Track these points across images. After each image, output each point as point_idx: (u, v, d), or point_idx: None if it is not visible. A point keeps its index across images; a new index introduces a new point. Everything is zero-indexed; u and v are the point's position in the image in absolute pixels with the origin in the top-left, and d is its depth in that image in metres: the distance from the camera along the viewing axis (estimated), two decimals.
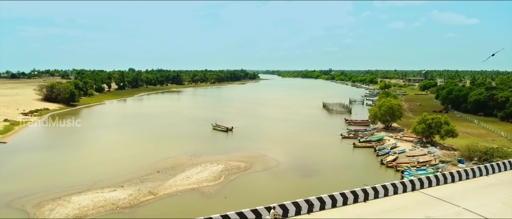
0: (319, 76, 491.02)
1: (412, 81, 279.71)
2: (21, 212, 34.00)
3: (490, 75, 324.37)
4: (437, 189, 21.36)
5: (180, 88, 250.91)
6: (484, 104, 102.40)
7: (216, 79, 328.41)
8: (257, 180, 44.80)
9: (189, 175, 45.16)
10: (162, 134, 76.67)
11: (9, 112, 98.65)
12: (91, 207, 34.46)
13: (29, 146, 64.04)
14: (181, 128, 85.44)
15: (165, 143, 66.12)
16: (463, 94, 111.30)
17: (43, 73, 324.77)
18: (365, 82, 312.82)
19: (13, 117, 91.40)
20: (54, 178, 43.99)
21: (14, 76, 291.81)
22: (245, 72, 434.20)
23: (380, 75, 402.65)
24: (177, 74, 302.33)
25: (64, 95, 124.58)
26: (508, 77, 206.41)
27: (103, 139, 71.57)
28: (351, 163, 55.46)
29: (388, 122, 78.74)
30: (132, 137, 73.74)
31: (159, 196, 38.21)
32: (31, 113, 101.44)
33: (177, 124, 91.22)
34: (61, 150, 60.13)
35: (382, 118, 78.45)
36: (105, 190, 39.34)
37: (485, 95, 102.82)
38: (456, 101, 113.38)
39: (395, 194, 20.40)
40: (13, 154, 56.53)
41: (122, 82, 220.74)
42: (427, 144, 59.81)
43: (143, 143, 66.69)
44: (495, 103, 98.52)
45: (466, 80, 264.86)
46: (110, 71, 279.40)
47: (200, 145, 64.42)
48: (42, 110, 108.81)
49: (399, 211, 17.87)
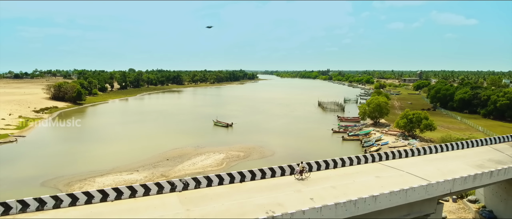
0: (317, 77, 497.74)
1: (407, 81, 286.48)
2: (55, 189, 40.18)
3: (485, 75, 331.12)
4: (393, 161, 27.60)
5: (180, 88, 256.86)
6: (468, 102, 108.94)
7: (215, 80, 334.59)
8: (255, 166, 50.71)
9: (194, 162, 51.44)
10: (168, 128, 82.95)
11: (22, 109, 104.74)
12: (114, 186, 40.69)
13: (46, 139, 70.29)
14: (184, 123, 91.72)
15: (171, 137, 72.32)
16: (450, 93, 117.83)
17: (45, 74, 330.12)
18: (361, 82, 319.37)
19: (26, 114, 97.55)
20: (77, 165, 50.20)
21: (17, 76, 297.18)
22: (244, 73, 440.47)
23: (377, 75, 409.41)
24: (177, 74, 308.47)
25: (71, 94, 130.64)
26: (499, 78, 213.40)
27: (115, 133, 77.78)
28: (339, 153, 61.50)
29: (376, 118, 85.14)
30: (141, 131, 79.93)
31: (170, 177, 44.46)
32: (42, 110, 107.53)
33: (181, 120, 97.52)
34: (78, 143, 66.38)
35: (370, 115, 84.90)
36: (123, 174, 45.60)
37: (470, 94, 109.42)
38: (444, 100, 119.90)
39: (359, 164, 26.67)
40: (35, 146, 62.71)
41: (124, 82, 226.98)
42: (408, 137, 66.18)
43: (152, 137, 72.89)
44: (479, 101, 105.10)
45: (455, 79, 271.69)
46: (111, 72, 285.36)
47: (203, 138, 70.68)
48: (52, 108, 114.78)
49: (357, 174, 24.12)
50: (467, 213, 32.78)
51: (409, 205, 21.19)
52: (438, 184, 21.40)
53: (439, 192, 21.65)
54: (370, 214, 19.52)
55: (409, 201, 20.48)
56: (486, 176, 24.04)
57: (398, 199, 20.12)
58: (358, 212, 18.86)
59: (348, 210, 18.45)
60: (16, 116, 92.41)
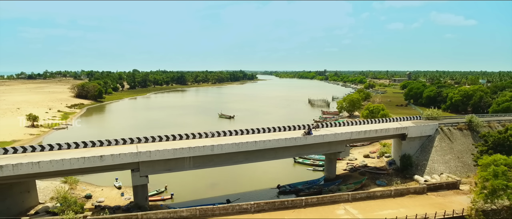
0: (314, 77, 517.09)
1: (397, 81, 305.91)
2: None
3: (483, 75, 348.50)
4: (331, 129, 46.84)
5: (184, 88, 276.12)
6: (434, 99, 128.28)
7: (216, 80, 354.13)
8: None
9: None
10: (180, 120, 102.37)
11: (56, 105, 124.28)
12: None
13: (88, 126, 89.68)
14: (193, 116, 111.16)
15: (184, 126, 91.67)
16: (420, 92, 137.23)
17: (56, 74, 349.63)
18: (355, 82, 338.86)
19: (62, 109, 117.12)
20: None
21: (30, 77, 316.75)
22: (244, 73, 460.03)
23: (371, 76, 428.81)
24: (181, 75, 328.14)
25: (93, 93, 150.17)
26: (477, 78, 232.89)
27: (137, 120, 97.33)
28: None
29: (351, 111, 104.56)
30: (157, 122, 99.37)
31: None
32: (72, 106, 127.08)
33: (190, 113, 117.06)
34: (110, 128, 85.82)
35: (346, 108, 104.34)
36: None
37: (435, 92, 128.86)
38: (415, 97, 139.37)
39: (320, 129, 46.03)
40: (80, 130, 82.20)
41: (133, 82, 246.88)
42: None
43: (170, 127, 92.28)
44: (442, 98, 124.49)
45: (447, 80, 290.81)
46: (119, 72, 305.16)
47: (211, 126, 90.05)
48: (79, 104, 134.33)
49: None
50: (382, 163, 52.14)
51: (328, 144, 40.67)
52: (342, 134, 40.87)
53: (343, 137, 41.05)
54: (310, 145, 38.94)
55: (326, 141, 39.95)
56: (370, 133, 43.45)
57: (322, 139, 39.54)
58: (302, 143, 38.23)
59: (296, 140, 37.84)
60: (55, 110, 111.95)
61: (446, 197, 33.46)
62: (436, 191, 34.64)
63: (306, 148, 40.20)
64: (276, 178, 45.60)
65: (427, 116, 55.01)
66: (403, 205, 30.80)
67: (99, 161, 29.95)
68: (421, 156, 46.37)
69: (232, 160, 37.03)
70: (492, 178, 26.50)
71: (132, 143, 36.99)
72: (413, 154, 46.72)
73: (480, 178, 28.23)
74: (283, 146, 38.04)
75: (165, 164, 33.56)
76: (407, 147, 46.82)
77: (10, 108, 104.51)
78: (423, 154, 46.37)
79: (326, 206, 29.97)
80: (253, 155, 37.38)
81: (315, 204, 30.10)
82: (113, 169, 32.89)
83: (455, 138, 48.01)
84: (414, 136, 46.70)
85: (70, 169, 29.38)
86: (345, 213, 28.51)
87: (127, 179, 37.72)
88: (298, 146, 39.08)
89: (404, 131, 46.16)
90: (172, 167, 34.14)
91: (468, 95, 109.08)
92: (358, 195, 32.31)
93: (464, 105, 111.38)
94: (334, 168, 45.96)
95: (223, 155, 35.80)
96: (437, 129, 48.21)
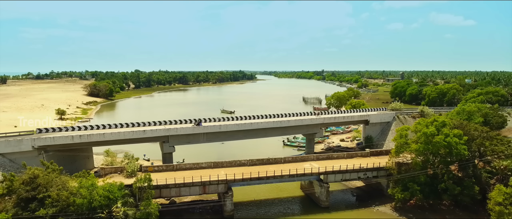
0: (312, 77, 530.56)
1: (390, 81, 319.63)
2: None
3: (483, 75, 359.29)
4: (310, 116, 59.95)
5: (186, 87, 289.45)
6: (416, 96, 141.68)
7: (217, 80, 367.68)
8: None
9: None
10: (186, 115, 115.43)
11: (73, 102, 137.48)
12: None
13: (106, 119, 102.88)
14: (198, 112, 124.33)
15: None
16: (404, 90, 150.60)
17: (62, 75, 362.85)
18: (350, 82, 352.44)
19: (79, 106, 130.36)
20: None
21: (38, 77, 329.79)
22: (243, 73, 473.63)
23: (367, 75, 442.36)
24: (183, 75, 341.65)
25: (105, 92, 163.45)
26: (464, 77, 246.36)
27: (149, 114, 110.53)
28: None
29: (338, 106, 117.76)
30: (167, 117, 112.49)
31: None
32: (87, 103, 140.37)
33: (194, 109, 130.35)
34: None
35: (334, 104, 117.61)
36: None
37: (417, 90, 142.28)
38: (400, 95, 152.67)
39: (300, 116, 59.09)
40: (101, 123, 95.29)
41: (138, 82, 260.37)
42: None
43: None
44: (423, 96, 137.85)
45: (437, 80, 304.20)
46: (122, 72, 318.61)
47: None
48: (93, 102, 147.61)
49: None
50: (353, 145, 65.45)
51: (306, 126, 53.94)
52: (317, 118, 54.11)
53: (317, 121, 54.29)
54: (292, 127, 52.18)
55: (304, 124, 53.20)
56: (338, 118, 56.71)
57: (301, 122, 52.79)
58: (285, 125, 51.44)
59: (281, 123, 51.03)
60: (74, 107, 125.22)
61: (381, 158, 46.16)
62: (377, 156, 47.70)
63: (289, 129, 53.45)
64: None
65: (391, 108, 68.36)
66: (351, 162, 43.68)
67: (142, 133, 43.20)
68: (380, 137, 59.69)
69: (234, 136, 50.37)
70: (398, 139, 39.92)
71: (161, 124, 50.30)
72: (375, 136, 60.01)
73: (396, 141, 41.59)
74: (271, 127, 51.26)
75: (186, 138, 46.85)
76: (370, 130, 60.14)
77: (36, 105, 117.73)
78: (382, 136, 59.69)
79: (298, 162, 43.21)
80: (249, 133, 50.66)
81: (291, 161, 43.46)
82: (150, 141, 46.19)
83: (408, 123, 61.25)
84: (375, 122, 60.03)
85: (124, 139, 42.62)
86: (309, 166, 41.64)
87: (152, 154, 50.95)
88: (282, 128, 52.33)
89: (367, 118, 59.53)
90: (191, 140, 47.47)
91: (443, 92, 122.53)
92: (321, 156, 45.63)
93: (440, 102, 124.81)
94: (313, 146, 59.25)
95: (227, 132, 49.11)
96: (394, 116, 61.55)
